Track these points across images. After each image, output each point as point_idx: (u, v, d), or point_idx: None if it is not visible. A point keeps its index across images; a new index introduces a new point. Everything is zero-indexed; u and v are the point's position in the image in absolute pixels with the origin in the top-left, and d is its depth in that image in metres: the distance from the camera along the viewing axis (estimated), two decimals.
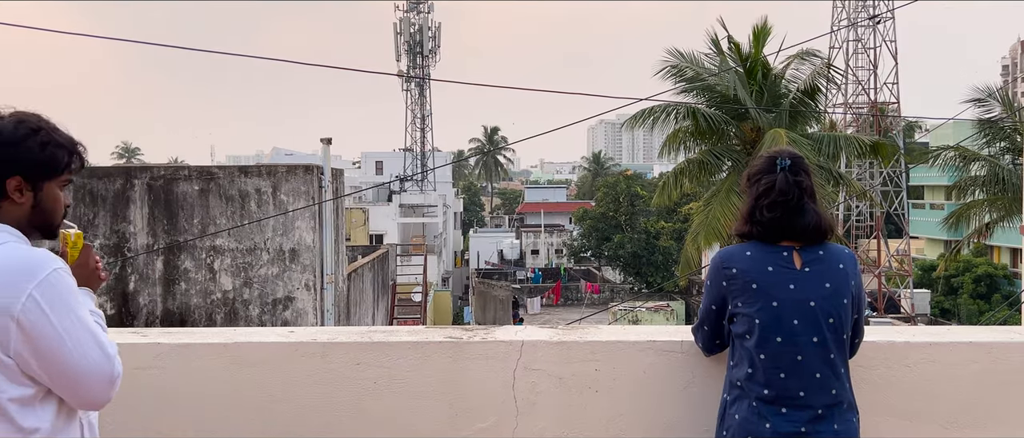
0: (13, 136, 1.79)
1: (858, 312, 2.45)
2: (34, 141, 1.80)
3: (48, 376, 1.73)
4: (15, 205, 1.81)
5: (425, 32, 50.58)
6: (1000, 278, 35.59)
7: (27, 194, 1.82)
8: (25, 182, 1.81)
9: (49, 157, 1.82)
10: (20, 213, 1.82)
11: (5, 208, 1.80)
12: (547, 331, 2.89)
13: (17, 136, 1.79)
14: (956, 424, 2.73)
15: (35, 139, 1.81)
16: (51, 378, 1.73)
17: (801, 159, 2.47)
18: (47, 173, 1.83)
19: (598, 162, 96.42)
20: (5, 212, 1.80)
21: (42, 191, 1.84)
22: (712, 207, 16.64)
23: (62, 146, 1.85)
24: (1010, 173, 19.46)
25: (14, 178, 1.79)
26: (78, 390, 1.75)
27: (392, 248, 26.27)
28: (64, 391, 1.76)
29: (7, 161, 1.78)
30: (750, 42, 17.15)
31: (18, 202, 1.81)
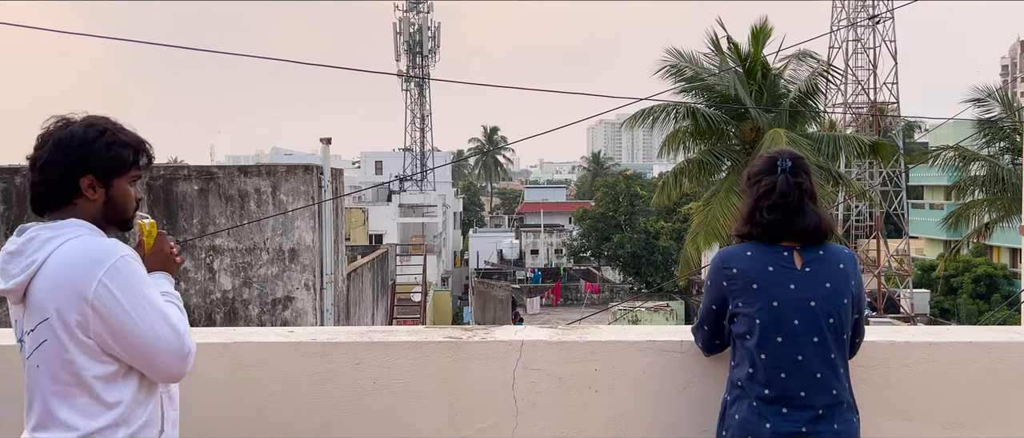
0: (83, 139, 1.96)
1: (858, 312, 2.45)
2: (101, 142, 1.97)
3: (125, 353, 1.90)
4: (89, 201, 1.98)
5: (425, 32, 50.58)
6: (1000, 278, 35.60)
7: (99, 191, 1.99)
8: (96, 180, 1.98)
9: (115, 156, 1.99)
10: (94, 208, 1.99)
11: (81, 204, 1.98)
12: (547, 331, 2.89)
13: (87, 138, 1.96)
14: (956, 424, 2.73)
15: (102, 140, 1.98)
16: (128, 354, 1.90)
17: (801, 160, 2.46)
18: (115, 171, 2.00)
19: (598, 162, 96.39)
20: (81, 208, 1.98)
21: (113, 187, 2.01)
22: (712, 207, 16.64)
23: (128, 145, 2.02)
24: (1009, 173, 19.46)
25: (86, 177, 1.97)
26: (153, 364, 1.93)
27: (392, 248, 26.26)
28: (141, 366, 1.93)
29: (79, 161, 1.95)
30: (749, 42, 17.15)
31: (92, 198, 1.98)
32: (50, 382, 1.89)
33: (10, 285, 1.90)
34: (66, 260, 1.87)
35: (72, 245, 1.90)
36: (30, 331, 1.90)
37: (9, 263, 1.92)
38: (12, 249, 1.93)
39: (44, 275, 1.88)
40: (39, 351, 1.89)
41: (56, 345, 1.87)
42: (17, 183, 10.01)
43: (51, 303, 1.86)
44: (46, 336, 1.88)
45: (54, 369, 1.88)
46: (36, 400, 1.92)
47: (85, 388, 1.89)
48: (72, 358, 1.87)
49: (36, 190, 1.99)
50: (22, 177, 10.09)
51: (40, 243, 1.90)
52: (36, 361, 1.90)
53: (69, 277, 1.86)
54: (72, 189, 1.97)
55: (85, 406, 1.89)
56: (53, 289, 1.86)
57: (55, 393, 1.89)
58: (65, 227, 1.93)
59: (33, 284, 1.89)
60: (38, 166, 1.96)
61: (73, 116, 2.02)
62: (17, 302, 1.93)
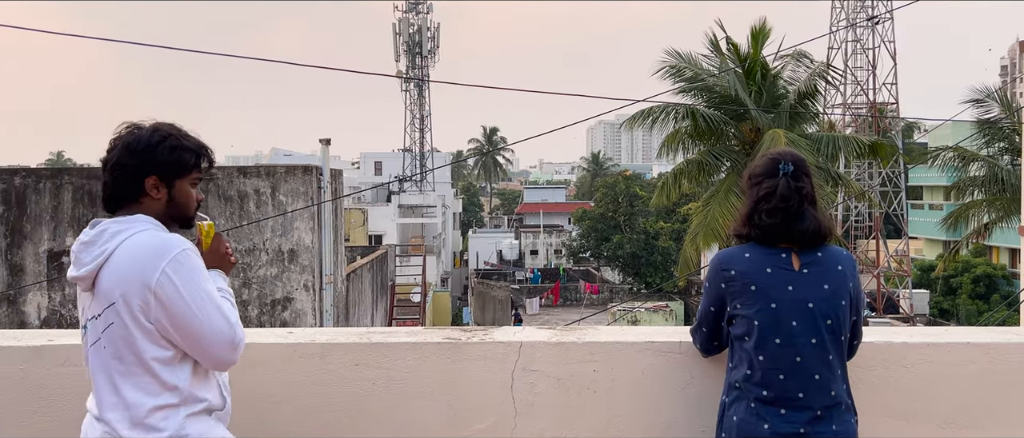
0: (149, 142, 2.14)
1: (856, 314, 2.45)
2: (165, 146, 2.15)
3: (181, 339, 2.06)
4: (153, 200, 2.16)
5: (424, 33, 50.57)
6: (999, 278, 35.61)
7: (162, 191, 2.16)
8: (160, 181, 2.15)
9: (178, 159, 2.16)
10: (158, 207, 2.16)
11: (146, 203, 2.15)
12: (545, 332, 2.89)
13: (152, 143, 2.14)
14: (954, 424, 2.73)
15: (165, 144, 2.15)
16: (183, 340, 2.06)
17: (803, 163, 2.45)
18: (177, 172, 2.17)
19: (597, 162, 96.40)
20: (145, 206, 2.15)
21: (175, 188, 2.18)
22: (711, 207, 16.64)
23: (190, 150, 2.19)
24: (1009, 173, 19.46)
25: (151, 177, 2.14)
26: (205, 351, 2.08)
27: (391, 249, 26.27)
28: (194, 352, 2.09)
29: (144, 163, 2.13)
30: (749, 43, 17.16)
31: (156, 198, 2.16)
32: (116, 362, 2.05)
33: (81, 272, 2.07)
34: (132, 251, 2.05)
35: (139, 238, 2.08)
36: (97, 315, 2.06)
37: (82, 252, 2.09)
38: (86, 240, 2.10)
39: (112, 264, 2.05)
40: (106, 333, 2.05)
41: (121, 328, 2.04)
42: (16, 184, 10.01)
43: (117, 289, 2.03)
44: (112, 320, 2.04)
45: (120, 350, 2.05)
46: (102, 380, 2.07)
47: (147, 369, 2.05)
48: (135, 341, 2.04)
49: (107, 189, 2.16)
50: (21, 178, 10.08)
51: (110, 235, 2.08)
52: (103, 343, 2.06)
53: (135, 266, 2.03)
54: (138, 188, 2.14)
55: (147, 385, 2.05)
56: (120, 277, 2.03)
57: (120, 372, 2.05)
58: (133, 222, 2.10)
59: (102, 272, 2.06)
60: (109, 167, 2.15)
61: (143, 122, 2.19)
62: (87, 289, 2.10)
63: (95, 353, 2.08)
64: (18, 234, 9.97)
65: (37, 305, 10.02)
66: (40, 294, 10.00)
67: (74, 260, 2.11)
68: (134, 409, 2.04)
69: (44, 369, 2.73)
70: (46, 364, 2.73)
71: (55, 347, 2.75)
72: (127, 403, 2.04)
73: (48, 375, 2.73)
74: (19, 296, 9.96)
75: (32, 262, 9.97)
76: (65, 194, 10.00)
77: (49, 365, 2.73)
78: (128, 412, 2.04)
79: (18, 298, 9.98)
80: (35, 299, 10.00)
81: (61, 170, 10.49)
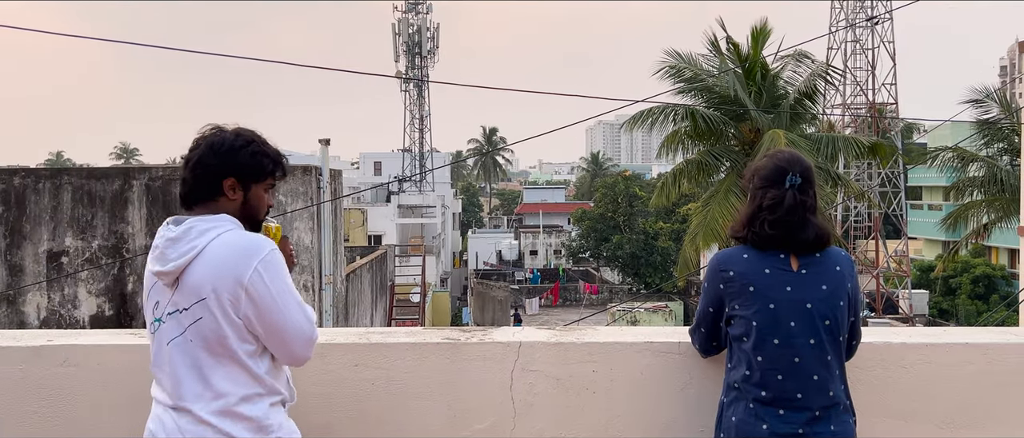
0: (232, 146, 2.23)
1: (854, 315, 2.45)
2: (247, 151, 2.23)
3: (265, 334, 2.16)
4: (229, 201, 2.23)
5: (423, 33, 50.56)
6: (998, 279, 35.62)
7: (239, 192, 2.24)
8: (238, 183, 2.23)
9: (257, 164, 2.25)
10: (233, 207, 2.23)
11: (221, 202, 2.23)
12: (545, 332, 2.89)
13: (235, 146, 2.23)
14: (952, 425, 2.73)
15: (247, 149, 2.24)
16: (268, 335, 2.16)
17: (810, 171, 2.43)
18: (255, 177, 2.26)
19: (597, 163, 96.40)
20: (222, 206, 2.22)
21: (250, 191, 2.26)
22: (711, 208, 16.64)
23: (268, 156, 2.28)
24: (1008, 174, 19.46)
25: (229, 179, 2.22)
26: (287, 346, 2.19)
27: (391, 249, 26.26)
28: (275, 347, 2.19)
29: (225, 165, 2.21)
30: (749, 43, 17.16)
31: (231, 198, 2.24)
32: (205, 354, 2.13)
33: (168, 267, 2.13)
34: (225, 248, 2.13)
35: (230, 236, 2.16)
36: (184, 309, 2.13)
37: (169, 248, 2.14)
38: (172, 236, 2.15)
39: (204, 260, 2.12)
40: (195, 327, 2.12)
41: (211, 322, 2.11)
42: (16, 184, 10.01)
43: (210, 285, 2.11)
44: (202, 314, 2.11)
45: (209, 343, 2.12)
46: (186, 371, 2.14)
47: (236, 361, 2.14)
48: (225, 334, 2.12)
49: (186, 186, 2.23)
50: (20, 178, 10.08)
51: (198, 232, 2.15)
52: (190, 336, 2.13)
53: (228, 263, 2.11)
54: (216, 188, 2.22)
55: (236, 376, 2.14)
56: (213, 273, 2.11)
57: (209, 364, 2.13)
58: (219, 220, 2.18)
59: (191, 268, 2.12)
60: (191, 165, 2.22)
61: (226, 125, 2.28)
62: (169, 284, 2.16)
63: (179, 346, 2.14)
64: (17, 234, 9.96)
65: (37, 305, 10.02)
66: (39, 294, 10.00)
67: (159, 255, 2.16)
68: (224, 398, 2.12)
69: (43, 369, 2.73)
70: (45, 364, 2.73)
71: (54, 347, 2.75)
72: (216, 392, 2.12)
73: (47, 375, 2.73)
74: (19, 296, 9.96)
75: (31, 262, 9.97)
76: (64, 194, 10.00)
77: (48, 365, 2.73)
78: (217, 401, 2.12)
79: (18, 298, 9.98)
80: (34, 299, 10.00)
81: (60, 170, 10.49)
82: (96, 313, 9.90)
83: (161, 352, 2.18)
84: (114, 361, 2.74)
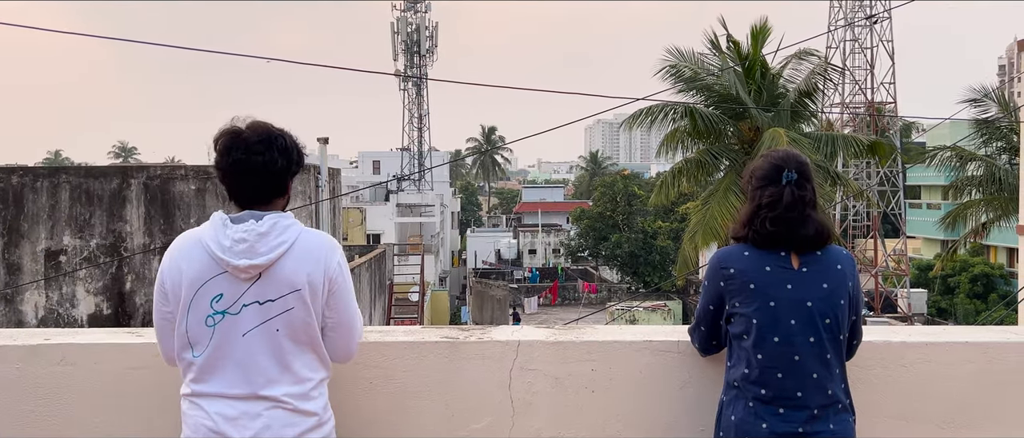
0: (295, 146, 2.32)
1: (855, 314, 2.44)
2: (298, 150, 2.33)
3: (334, 324, 2.30)
4: (282, 198, 2.33)
5: (422, 31, 50.55)
6: (997, 278, 35.64)
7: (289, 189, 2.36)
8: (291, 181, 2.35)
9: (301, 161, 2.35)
10: (283, 204, 2.35)
11: (276, 202, 2.31)
12: (543, 331, 2.88)
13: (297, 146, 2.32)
14: (952, 424, 2.73)
15: (298, 149, 2.33)
16: (335, 325, 2.31)
17: (806, 167, 2.43)
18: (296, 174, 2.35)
19: (595, 162, 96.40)
20: (276, 204, 2.31)
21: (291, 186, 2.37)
22: (710, 206, 16.64)
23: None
24: (1006, 173, 19.47)
25: (291, 178, 2.33)
26: (347, 339, 2.34)
27: (389, 248, 26.25)
28: (339, 337, 2.33)
29: (292, 165, 2.31)
30: (748, 42, 17.16)
31: (285, 196, 2.34)
32: (291, 343, 2.23)
33: (261, 261, 2.19)
34: (314, 243, 2.26)
35: (312, 232, 2.29)
36: (271, 300, 2.20)
37: (259, 243, 2.20)
38: (262, 231, 2.20)
39: (296, 253, 2.22)
40: (285, 317, 2.21)
41: (302, 311, 2.22)
42: (14, 183, 9.99)
43: (304, 277, 2.21)
44: (294, 304, 2.21)
45: (296, 332, 2.23)
46: (268, 359, 2.21)
47: (314, 348, 2.28)
48: (311, 323, 2.24)
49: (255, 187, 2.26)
50: (19, 177, 10.07)
51: (283, 227, 2.23)
52: (277, 325, 2.21)
53: (319, 256, 2.24)
54: (283, 187, 2.31)
55: (312, 362, 2.27)
56: (307, 265, 2.22)
57: (292, 352, 2.23)
58: (288, 217, 2.28)
59: (283, 260, 2.20)
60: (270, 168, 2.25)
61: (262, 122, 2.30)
62: (250, 277, 2.20)
63: (258, 336, 2.20)
64: (15, 233, 9.95)
65: (34, 304, 10.00)
66: (37, 293, 9.98)
67: (247, 249, 2.19)
68: (304, 383, 2.24)
69: (41, 368, 2.72)
70: (43, 363, 2.72)
71: (51, 346, 2.74)
72: (298, 378, 2.23)
73: (45, 374, 2.72)
74: (16, 295, 9.94)
75: (29, 261, 9.95)
76: (62, 193, 9.98)
77: (46, 364, 2.72)
78: (298, 386, 2.23)
79: (16, 297, 9.97)
80: (32, 298, 9.99)
81: (58, 169, 10.47)
82: (94, 312, 9.89)
83: (227, 344, 2.20)
84: (112, 360, 2.72)
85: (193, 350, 2.24)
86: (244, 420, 2.18)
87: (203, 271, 2.21)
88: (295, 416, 2.21)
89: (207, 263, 2.21)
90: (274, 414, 2.19)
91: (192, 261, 2.23)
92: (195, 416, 2.22)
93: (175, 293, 2.25)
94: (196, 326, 2.22)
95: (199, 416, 2.21)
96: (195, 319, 2.22)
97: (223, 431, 2.18)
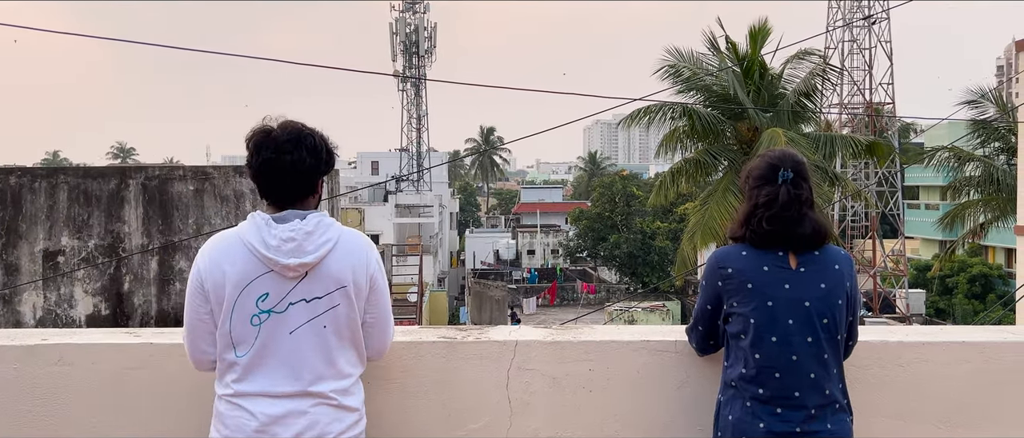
0: (324, 146, 2.32)
1: (853, 315, 2.44)
2: (328, 149, 2.34)
3: (373, 321, 2.35)
4: (314, 197, 2.34)
5: (421, 32, 50.55)
6: (995, 278, 35.66)
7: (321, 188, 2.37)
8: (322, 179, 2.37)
9: (332, 161, 2.37)
10: (317, 201, 2.35)
11: (309, 200, 2.33)
12: (541, 331, 2.89)
13: (325, 146, 2.32)
14: (949, 423, 2.73)
15: (328, 147, 2.34)
16: (374, 322, 2.35)
17: (803, 166, 2.43)
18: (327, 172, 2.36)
19: (594, 162, 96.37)
20: (309, 202, 2.33)
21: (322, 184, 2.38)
22: (708, 207, 16.66)
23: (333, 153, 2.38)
24: (1004, 173, 19.50)
25: (321, 177, 2.35)
26: (382, 336, 2.40)
27: (388, 248, 26.24)
28: (376, 334, 2.37)
29: (322, 164, 2.32)
30: (747, 42, 17.17)
31: (319, 194, 2.35)
32: (336, 339, 2.27)
33: (309, 259, 2.21)
34: (356, 241, 2.31)
35: (352, 231, 2.33)
36: (318, 298, 2.23)
37: (306, 241, 2.22)
38: (308, 229, 2.23)
39: (340, 251, 2.25)
40: (331, 313, 2.25)
41: (347, 308, 2.26)
42: (12, 183, 9.98)
43: (349, 274, 2.26)
44: (340, 301, 2.25)
45: (341, 328, 2.27)
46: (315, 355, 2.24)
47: (355, 344, 2.33)
48: (355, 319, 2.29)
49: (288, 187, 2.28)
50: (16, 177, 10.06)
51: (326, 226, 2.26)
52: (324, 321, 2.24)
53: (361, 254, 2.29)
54: (313, 186, 2.33)
55: (353, 358, 2.33)
56: (352, 263, 2.26)
57: (337, 348, 2.28)
58: (325, 215, 2.31)
59: (329, 258, 2.24)
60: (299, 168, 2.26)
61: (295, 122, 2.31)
62: (297, 276, 2.22)
63: (307, 333, 2.23)
64: (13, 233, 9.94)
65: (32, 305, 9.99)
66: (35, 294, 9.97)
67: (295, 248, 2.21)
68: (347, 378, 2.30)
69: (38, 368, 2.71)
70: (40, 363, 2.72)
71: (49, 346, 2.74)
72: (341, 373, 2.28)
73: (42, 374, 2.71)
74: (14, 296, 9.94)
75: (27, 262, 9.95)
76: (60, 193, 9.98)
77: (43, 364, 2.72)
78: (342, 381, 2.28)
79: (13, 298, 9.96)
80: (30, 299, 9.98)
81: (56, 169, 10.46)
82: (92, 312, 9.88)
83: (274, 343, 2.22)
84: (109, 360, 2.72)
85: (236, 350, 2.24)
86: (290, 418, 2.20)
87: (248, 271, 2.22)
88: (339, 412, 2.26)
89: (252, 262, 2.22)
90: (320, 410, 2.22)
91: (235, 261, 2.23)
92: (236, 417, 2.22)
93: (218, 294, 2.24)
94: (240, 325, 2.22)
95: (241, 417, 2.21)
96: (239, 319, 2.22)
97: (270, 430, 2.19)
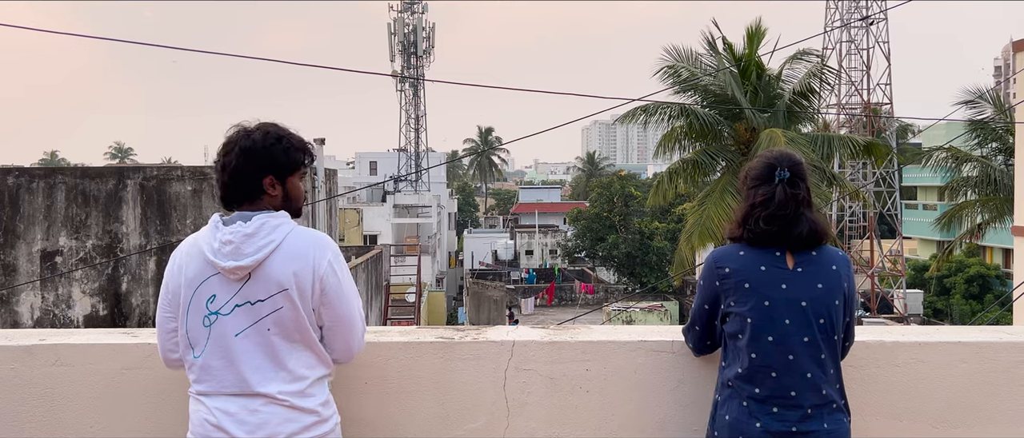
0: (263, 144, 2.29)
1: (849, 315, 2.45)
2: (278, 148, 2.31)
3: (330, 324, 2.32)
4: (270, 197, 2.32)
5: (419, 32, 50.54)
6: (992, 278, 35.70)
7: (278, 188, 2.33)
8: (276, 179, 2.32)
9: (291, 159, 2.33)
10: (275, 202, 2.33)
11: (264, 200, 2.31)
12: (538, 331, 2.89)
13: (267, 145, 2.29)
14: (945, 423, 2.74)
15: (279, 146, 2.31)
16: (332, 325, 2.32)
17: (800, 166, 2.44)
18: (290, 170, 2.34)
19: (592, 162, 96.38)
20: (264, 202, 2.32)
21: (288, 184, 2.35)
22: (706, 207, 16.67)
23: (298, 149, 2.35)
24: (1002, 174, 19.54)
25: (268, 177, 2.30)
26: (345, 339, 2.35)
27: (386, 248, 26.21)
28: (335, 338, 2.34)
29: (262, 165, 2.29)
30: (744, 43, 17.19)
31: (272, 194, 2.32)
32: (283, 341, 2.25)
33: (246, 262, 2.21)
34: (303, 242, 2.27)
35: (303, 231, 2.30)
36: (260, 300, 2.23)
37: (245, 243, 2.22)
38: (248, 232, 2.23)
39: (283, 253, 2.23)
40: (274, 316, 2.24)
41: (292, 310, 2.24)
42: (9, 184, 9.97)
43: (292, 276, 2.23)
44: (283, 303, 2.23)
45: (288, 330, 2.25)
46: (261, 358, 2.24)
47: (309, 346, 2.29)
48: (303, 322, 2.26)
49: (227, 189, 2.31)
50: (14, 178, 10.05)
51: (271, 228, 2.25)
52: (267, 324, 2.24)
53: (307, 256, 2.25)
54: (258, 187, 2.30)
55: (308, 360, 2.29)
56: (294, 265, 2.23)
57: (286, 350, 2.26)
58: (280, 216, 2.29)
59: (270, 261, 2.22)
60: (228, 170, 2.29)
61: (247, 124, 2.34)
62: (240, 278, 2.23)
63: (251, 336, 2.24)
64: (11, 234, 9.93)
65: (30, 305, 9.99)
66: (33, 294, 9.97)
67: (233, 251, 2.22)
68: (302, 381, 2.26)
69: (35, 368, 2.72)
70: (37, 363, 2.72)
71: (47, 346, 2.74)
72: (294, 375, 2.26)
73: (39, 375, 2.71)
74: (12, 296, 9.93)
75: (25, 262, 9.94)
76: (58, 194, 9.97)
77: (40, 365, 2.72)
78: (295, 383, 2.25)
79: (11, 298, 9.95)
80: (28, 299, 9.97)
81: (54, 170, 10.45)
82: (90, 313, 9.87)
83: (221, 344, 2.24)
84: (107, 361, 2.72)
85: (194, 350, 2.29)
86: (242, 415, 2.23)
87: (199, 273, 2.26)
88: (292, 412, 2.24)
89: (203, 265, 2.26)
90: (271, 410, 2.23)
91: (191, 263, 2.28)
92: (197, 413, 2.28)
93: (176, 294, 2.31)
94: (195, 327, 2.28)
95: (202, 412, 2.27)
96: (194, 320, 2.27)
97: (223, 426, 2.23)
